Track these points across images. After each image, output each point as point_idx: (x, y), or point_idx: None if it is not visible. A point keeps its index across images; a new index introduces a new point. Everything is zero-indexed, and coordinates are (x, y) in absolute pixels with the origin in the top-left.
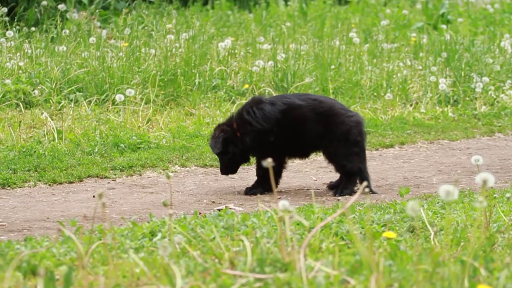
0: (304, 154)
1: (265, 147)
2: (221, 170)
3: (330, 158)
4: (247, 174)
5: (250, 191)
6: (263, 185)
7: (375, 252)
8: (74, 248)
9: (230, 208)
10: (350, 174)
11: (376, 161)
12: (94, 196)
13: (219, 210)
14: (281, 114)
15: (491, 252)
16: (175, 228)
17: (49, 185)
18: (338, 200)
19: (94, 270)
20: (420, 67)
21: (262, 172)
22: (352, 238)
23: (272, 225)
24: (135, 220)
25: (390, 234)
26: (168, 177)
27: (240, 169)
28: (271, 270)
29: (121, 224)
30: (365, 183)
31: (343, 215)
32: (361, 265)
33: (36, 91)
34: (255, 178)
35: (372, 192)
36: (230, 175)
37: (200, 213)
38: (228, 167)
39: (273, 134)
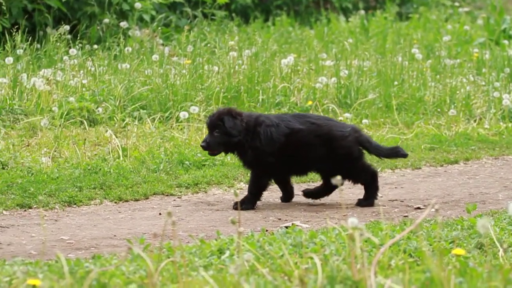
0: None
1: None
2: None
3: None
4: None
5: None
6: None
7: (445, 269)
8: (143, 266)
9: (297, 225)
10: (369, 184)
11: (441, 177)
12: (160, 214)
13: (286, 227)
14: None
15: None
16: (243, 245)
17: (115, 202)
18: (406, 216)
19: None
20: (483, 83)
21: None
22: (420, 255)
23: (340, 242)
24: (202, 238)
25: (459, 251)
26: (236, 195)
27: (305, 186)
28: None
29: (188, 242)
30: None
31: (410, 231)
32: (431, 283)
33: (100, 109)
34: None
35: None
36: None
37: (267, 230)
38: None
39: None
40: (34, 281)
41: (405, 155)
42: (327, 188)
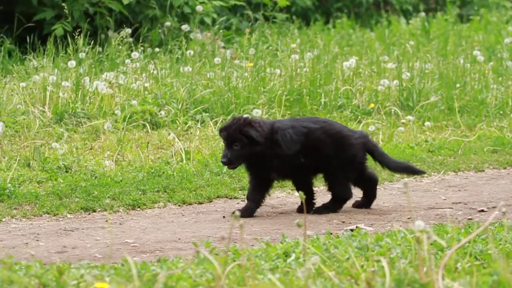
0: None
1: None
2: None
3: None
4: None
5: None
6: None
7: None
8: (209, 269)
9: (361, 228)
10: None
11: (505, 180)
12: (224, 217)
13: (351, 230)
14: None
15: None
16: (309, 248)
17: (179, 205)
18: (470, 219)
19: None
20: None
21: None
22: (487, 258)
23: (406, 245)
24: (267, 241)
25: None
26: (302, 197)
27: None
28: None
29: (253, 245)
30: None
31: (476, 234)
32: (499, 285)
33: (162, 112)
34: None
35: None
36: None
37: (331, 233)
38: None
39: None
40: (101, 285)
41: (417, 171)
42: (368, 199)
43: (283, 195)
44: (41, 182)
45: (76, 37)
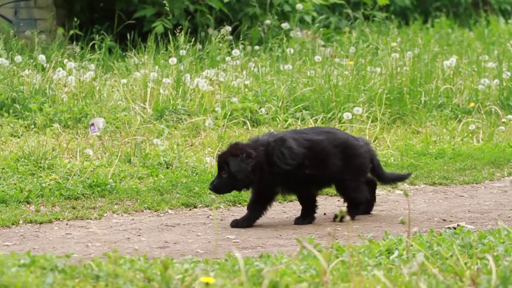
0: None
1: None
2: None
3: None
4: (476, 192)
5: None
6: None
7: None
8: (313, 265)
9: (463, 226)
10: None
11: None
12: (325, 214)
13: (453, 228)
14: None
15: None
16: (411, 245)
17: (280, 202)
18: None
19: (335, 287)
20: None
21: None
22: None
23: (509, 243)
24: (370, 238)
25: None
26: (407, 194)
27: (469, 188)
28: None
29: (355, 242)
30: None
31: None
32: None
33: (263, 109)
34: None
35: None
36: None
37: (433, 231)
38: None
39: None
40: (207, 279)
41: (407, 176)
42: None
43: (384, 193)
44: (142, 178)
45: (178, 34)
